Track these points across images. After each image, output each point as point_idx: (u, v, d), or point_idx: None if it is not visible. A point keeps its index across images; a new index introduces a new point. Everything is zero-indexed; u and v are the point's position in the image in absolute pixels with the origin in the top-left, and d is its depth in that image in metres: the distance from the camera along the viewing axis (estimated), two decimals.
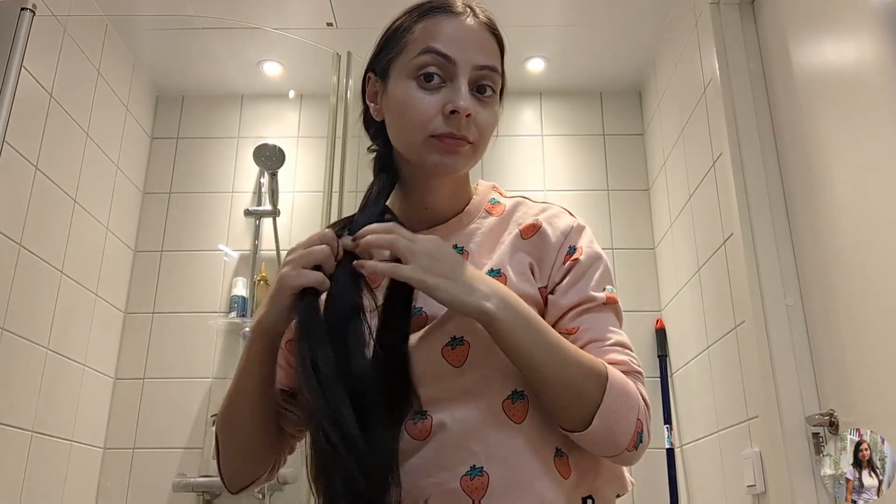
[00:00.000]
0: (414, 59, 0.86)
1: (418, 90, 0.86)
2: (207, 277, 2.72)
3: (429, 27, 0.87)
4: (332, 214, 2.24)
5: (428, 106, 0.85)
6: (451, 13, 0.88)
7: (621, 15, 2.52)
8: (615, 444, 0.80)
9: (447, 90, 0.85)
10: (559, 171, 2.88)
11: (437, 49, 0.85)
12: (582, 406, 0.79)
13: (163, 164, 2.87)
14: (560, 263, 0.89)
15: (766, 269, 1.81)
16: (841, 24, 1.56)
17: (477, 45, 0.87)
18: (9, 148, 1.96)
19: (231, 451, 0.90)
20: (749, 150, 1.92)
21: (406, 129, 0.87)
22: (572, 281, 0.88)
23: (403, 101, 0.87)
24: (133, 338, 2.65)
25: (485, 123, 0.87)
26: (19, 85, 1.73)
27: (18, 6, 1.75)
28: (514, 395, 0.83)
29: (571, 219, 0.93)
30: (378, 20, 1.00)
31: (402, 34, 0.90)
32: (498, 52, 0.91)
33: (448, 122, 0.84)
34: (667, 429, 2.48)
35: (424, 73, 0.85)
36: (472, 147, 0.87)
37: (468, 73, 0.86)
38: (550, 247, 0.90)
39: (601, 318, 0.87)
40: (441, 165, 0.87)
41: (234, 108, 2.96)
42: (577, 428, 0.80)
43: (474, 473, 0.79)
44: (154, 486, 2.47)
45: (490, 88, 0.88)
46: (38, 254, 2.13)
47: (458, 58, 0.85)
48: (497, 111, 0.91)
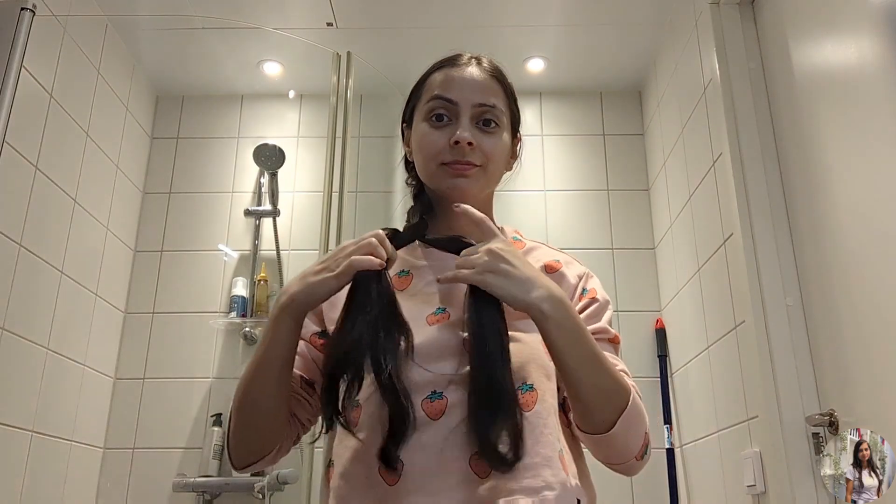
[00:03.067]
0: (426, 104, 1.05)
1: (430, 129, 1.04)
2: (207, 277, 2.72)
3: (437, 78, 1.07)
4: (332, 214, 2.24)
5: (437, 140, 1.02)
6: (457, 65, 1.07)
7: (621, 15, 2.52)
8: (628, 450, 0.92)
9: (453, 126, 1.03)
10: (559, 171, 2.88)
11: (441, 95, 1.04)
12: (609, 411, 0.89)
13: (163, 164, 2.87)
14: (577, 299, 1.04)
15: (766, 269, 1.81)
16: (841, 24, 1.56)
17: (477, 87, 1.04)
18: (9, 148, 1.96)
19: (244, 425, 0.95)
20: (749, 150, 1.92)
21: (423, 160, 1.05)
22: (591, 314, 1.02)
23: (420, 139, 1.05)
24: (133, 338, 2.65)
25: (490, 149, 1.03)
26: (19, 85, 1.72)
27: (18, 6, 1.75)
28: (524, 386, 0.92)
29: (583, 267, 1.10)
30: (378, 20, 1.05)
31: (420, 87, 1.09)
32: (501, 92, 1.07)
33: (454, 152, 1.01)
34: (667, 429, 2.48)
35: (434, 114, 1.04)
36: (480, 169, 1.02)
37: (469, 111, 1.03)
38: (568, 285, 1.04)
39: (610, 350, 1.01)
40: (453, 187, 1.02)
41: (234, 108, 2.96)
42: (599, 430, 0.90)
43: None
44: (154, 486, 2.47)
45: (493, 122, 1.04)
46: (38, 254, 2.13)
47: (459, 99, 1.03)
48: (504, 139, 1.06)
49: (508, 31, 2.62)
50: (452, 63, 1.07)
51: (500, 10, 2.52)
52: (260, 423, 0.95)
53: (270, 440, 0.97)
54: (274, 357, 0.91)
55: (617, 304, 2.69)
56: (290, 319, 0.90)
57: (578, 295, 1.04)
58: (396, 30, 2.61)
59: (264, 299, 2.63)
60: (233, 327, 2.64)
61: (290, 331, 0.91)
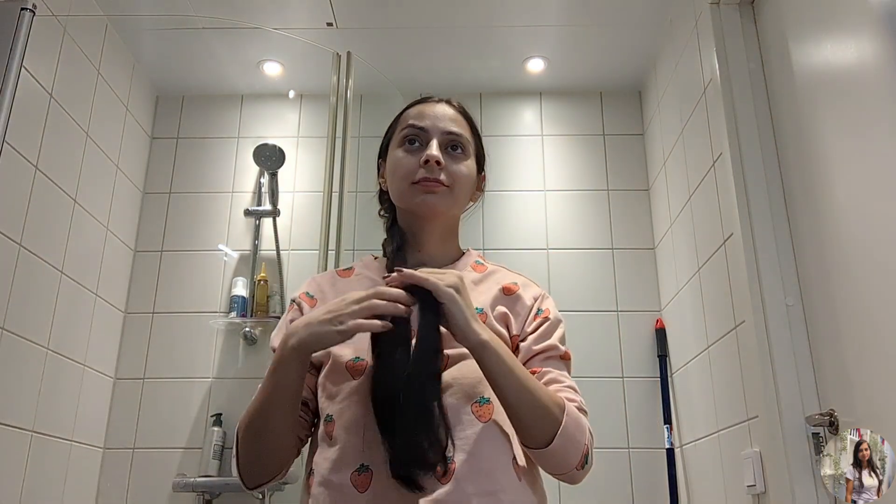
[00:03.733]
0: (400, 133, 1.18)
1: (403, 153, 1.15)
2: (207, 277, 2.72)
3: (411, 112, 1.20)
4: (332, 214, 2.24)
5: (410, 162, 1.14)
6: (428, 102, 1.20)
7: (621, 15, 2.52)
8: (568, 462, 1.00)
9: (423, 150, 1.14)
10: (559, 171, 2.88)
11: (414, 124, 1.16)
12: (545, 428, 0.98)
13: (163, 164, 2.87)
14: (532, 318, 1.13)
15: (766, 269, 1.81)
16: (841, 25, 1.56)
17: (446, 118, 1.17)
18: (9, 148, 1.96)
19: (255, 455, 1.04)
20: (749, 150, 1.92)
21: (397, 181, 1.15)
22: (542, 333, 1.11)
23: (394, 163, 1.16)
24: (133, 338, 2.65)
25: (456, 171, 1.14)
26: (19, 85, 1.72)
27: (18, 6, 1.75)
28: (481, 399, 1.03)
29: (539, 289, 1.20)
30: (378, 20, 1.05)
31: (395, 123, 1.22)
32: (468, 127, 1.20)
33: (424, 171, 1.12)
34: (667, 429, 2.48)
35: (407, 139, 1.16)
36: (447, 189, 1.13)
37: (439, 137, 1.15)
38: (524, 306, 1.14)
39: (559, 366, 1.11)
40: (423, 203, 1.13)
41: (234, 108, 2.96)
42: (539, 445, 0.99)
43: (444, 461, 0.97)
44: (154, 486, 2.47)
45: (460, 148, 1.16)
46: (38, 254, 2.13)
47: (429, 127, 1.15)
48: (470, 166, 1.17)
49: (508, 31, 2.62)
50: (425, 100, 1.21)
51: (500, 10, 2.52)
52: (271, 450, 1.04)
53: (281, 463, 1.06)
54: (284, 394, 1.00)
55: (617, 304, 2.69)
56: (298, 361, 0.98)
57: (533, 314, 1.13)
58: (396, 30, 2.61)
59: (264, 299, 2.63)
60: (233, 327, 2.64)
61: (298, 370, 0.99)
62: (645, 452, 2.50)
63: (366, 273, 1.19)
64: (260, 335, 2.65)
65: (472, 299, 1.09)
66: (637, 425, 2.53)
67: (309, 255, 2.68)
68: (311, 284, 1.21)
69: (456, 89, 2.87)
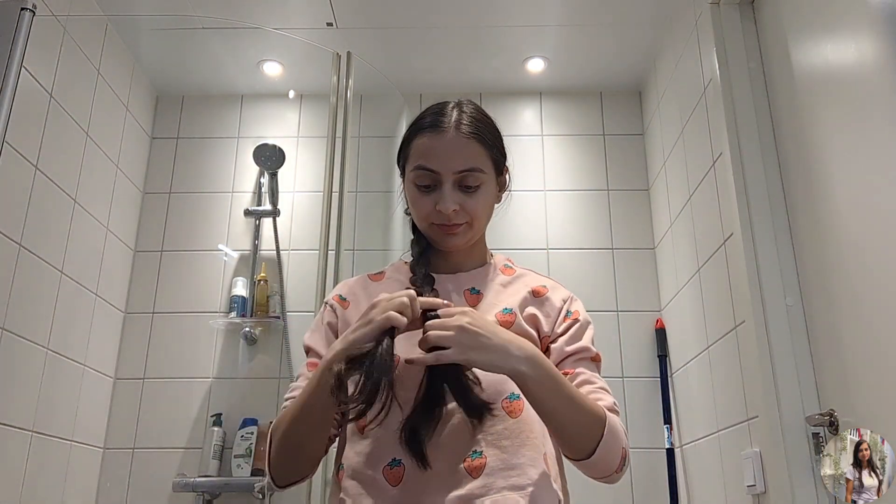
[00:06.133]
0: (411, 171, 1.13)
1: (418, 194, 1.13)
2: (207, 277, 2.72)
3: (419, 146, 1.13)
4: (332, 214, 2.24)
5: (424, 205, 1.12)
6: (438, 132, 1.11)
7: (621, 15, 2.52)
8: (608, 468, 1.03)
9: (437, 193, 1.11)
10: (559, 171, 2.88)
11: (424, 166, 1.11)
12: (588, 441, 0.99)
13: (163, 164, 2.87)
14: (562, 320, 1.14)
15: (766, 269, 1.81)
16: (841, 24, 1.56)
17: (457, 154, 1.10)
18: (9, 148, 1.96)
19: (291, 459, 1.06)
20: (749, 150, 1.92)
21: (416, 219, 1.16)
22: (573, 335, 1.13)
23: (411, 200, 1.15)
24: (133, 338, 2.65)
25: (473, 208, 1.12)
26: (19, 85, 1.72)
27: (18, 6, 1.75)
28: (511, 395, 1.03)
29: (568, 291, 1.20)
30: (378, 20, 1.04)
31: (406, 145, 1.16)
32: (481, 150, 1.13)
33: (440, 216, 1.11)
34: (667, 429, 2.48)
35: (419, 183, 1.12)
36: (466, 226, 1.13)
37: (450, 178, 1.10)
38: (554, 308, 1.15)
39: (591, 367, 1.12)
40: (444, 244, 1.15)
41: (234, 108, 2.96)
42: (582, 457, 1.01)
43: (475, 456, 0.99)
44: (154, 486, 2.47)
45: (473, 183, 1.11)
46: (38, 254, 2.13)
47: (441, 169, 1.10)
48: (487, 192, 1.14)
49: (508, 31, 2.62)
50: (434, 127, 1.12)
51: (500, 10, 2.52)
52: (307, 455, 1.06)
53: (313, 464, 1.09)
54: (326, 413, 1.01)
55: (617, 304, 2.69)
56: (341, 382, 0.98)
57: (563, 316, 1.14)
58: (396, 30, 2.61)
59: (264, 299, 2.63)
60: (233, 327, 2.64)
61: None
62: (645, 452, 2.50)
63: (397, 277, 1.21)
64: (260, 335, 2.65)
65: (502, 300, 1.14)
66: (637, 425, 2.53)
67: (309, 255, 2.68)
68: (343, 287, 1.23)
69: (456, 89, 2.87)
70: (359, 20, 2.55)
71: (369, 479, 0.99)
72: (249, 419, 2.50)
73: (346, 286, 1.22)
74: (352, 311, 1.15)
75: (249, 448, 2.44)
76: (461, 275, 1.19)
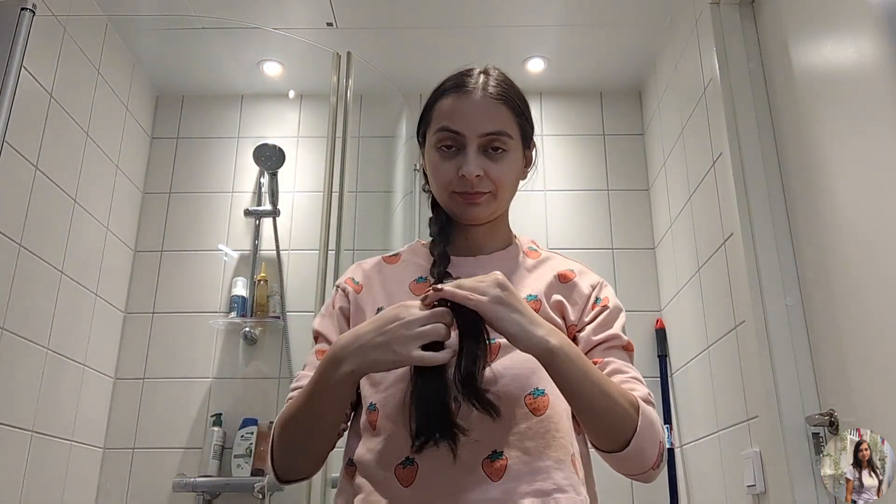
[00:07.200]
0: (434, 134, 1.07)
1: (440, 158, 1.06)
2: (207, 277, 2.72)
3: (443, 107, 1.08)
4: (332, 214, 2.24)
5: (447, 171, 1.05)
6: (463, 92, 1.07)
7: (621, 15, 2.52)
8: (644, 462, 0.94)
9: (461, 157, 1.04)
10: (559, 171, 2.88)
11: (448, 127, 1.05)
12: (622, 431, 0.91)
13: (163, 164, 2.87)
14: (590, 308, 1.06)
15: (766, 269, 1.81)
16: (841, 25, 1.56)
17: (483, 116, 1.05)
18: (9, 148, 1.96)
19: (295, 455, 1.01)
20: (749, 150, 1.92)
21: (435, 187, 1.09)
22: (602, 322, 1.05)
23: (431, 167, 1.08)
24: (133, 338, 2.65)
25: (498, 176, 1.05)
26: (19, 85, 1.72)
27: (18, 6, 1.75)
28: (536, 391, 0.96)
29: (597, 276, 1.12)
30: (378, 20, 1.03)
31: (429, 110, 1.11)
32: (509, 114, 1.08)
33: (462, 183, 1.04)
34: (667, 429, 2.48)
35: (442, 145, 1.06)
36: (489, 196, 1.05)
37: (475, 141, 1.04)
38: (582, 295, 1.07)
39: (623, 356, 1.04)
40: (465, 215, 1.07)
41: (234, 108, 2.96)
42: (616, 449, 0.92)
43: (495, 457, 0.92)
44: (154, 486, 2.47)
45: (501, 148, 1.05)
46: (38, 254, 2.13)
47: (465, 131, 1.04)
48: (513, 161, 1.07)
49: (508, 31, 2.62)
50: (460, 87, 1.08)
51: (500, 10, 2.52)
52: (313, 451, 1.01)
53: (320, 460, 1.03)
54: (333, 409, 0.96)
55: None
56: (352, 383, 0.93)
57: (592, 303, 1.07)
58: (396, 30, 2.61)
59: (264, 299, 2.63)
60: (233, 327, 2.64)
61: (350, 391, 0.95)
62: None
63: (413, 259, 1.14)
64: (260, 335, 2.65)
65: (526, 286, 1.06)
66: None
67: (309, 255, 2.68)
68: (356, 270, 1.15)
69: None
70: (359, 20, 2.55)
71: (380, 479, 0.94)
72: (249, 419, 2.50)
73: (359, 269, 1.15)
74: (365, 295, 1.09)
75: (249, 448, 2.45)
76: (482, 258, 1.11)
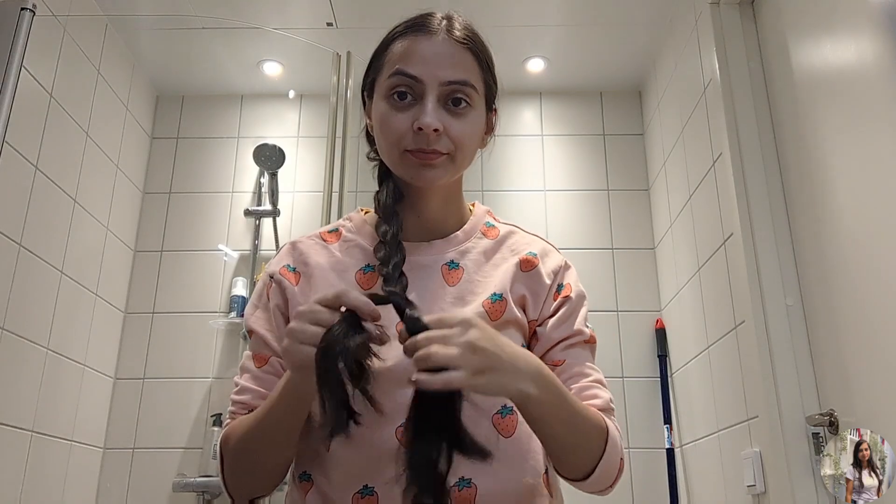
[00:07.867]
0: (386, 80, 0.91)
1: (391, 109, 0.90)
2: (207, 277, 2.72)
3: (400, 49, 0.92)
4: (332, 214, 2.24)
5: (399, 124, 0.89)
6: (425, 33, 0.91)
7: (621, 15, 2.52)
8: (605, 483, 0.91)
9: (417, 108, 0.89)
10: (559, 171, 2.88)
11: (404, 70, 0.89)
12: (588, 461, 0.87)
13: (163, 164, 2.87)
14: (552, 299, 0.96)
15: (766, 269, 1.81)
16: (841, 25, 1.56)
17: (446, 62, 0.90)
18: (9, 148, 1.96)
19: (250, 474, 0.90)
20: (749, 150, 1.92)
21: (384, 145, 0.92)
22: (562, 317, 0.95)
23: (380, 120, 0.91)
24: (133, 338, 2.65)
25: (459, 134, 0.89)
26: (19, 85, 1.72)
27: (18, 6, 1.75)
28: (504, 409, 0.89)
29: (560, 257, 1.00)
30: (378, 20, 1.00)
31: (381, 55, 0.95)
32: (474, 65, 0.93)
33: (417, 139, 0.88)
34: (667, 429, 2.48)
35: (396, 92, 0.90)
36: (447, 157, 0.90)
37: (436, 90, 0.89)
38: (543, 284, 0.96)
39: (583, 355, 0.95)
40: (417, 178, 0.91)
41: (234, 108, 2.96)
42: (579, 477, 0.88)
43: (462, 484, 0.85)
44: (154, 486, 2.47)
45: (464, 101, 0.90)
46: (38, 254, 2.13)
47: (425, 76, 0.89)
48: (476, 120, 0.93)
49: (508, 31, 2.62)
50: (419, 28, 0.92)
51: (500, 10, 2.52)
52: (271, 472, 0.90)
53: (278, 479, 0.92)
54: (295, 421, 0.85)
55: (617, 304, 2.69)
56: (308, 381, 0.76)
57: (553, 293, 0.96)
58: None
59: None
60: (233, 327, 2.64)
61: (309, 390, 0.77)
62: (645, 452, 2.50)
63: (357, 241, 0.98)
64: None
65: (490, 282, 0.93)
66: (637, 425, 2.53)
67: None
68: (291, 253, 0.98)
69: None
70: (359, 20, 2.55)
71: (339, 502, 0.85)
72: None
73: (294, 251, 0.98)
74: (304, 288, 0.94)
75: None
76: (437, 243, 0.96)
